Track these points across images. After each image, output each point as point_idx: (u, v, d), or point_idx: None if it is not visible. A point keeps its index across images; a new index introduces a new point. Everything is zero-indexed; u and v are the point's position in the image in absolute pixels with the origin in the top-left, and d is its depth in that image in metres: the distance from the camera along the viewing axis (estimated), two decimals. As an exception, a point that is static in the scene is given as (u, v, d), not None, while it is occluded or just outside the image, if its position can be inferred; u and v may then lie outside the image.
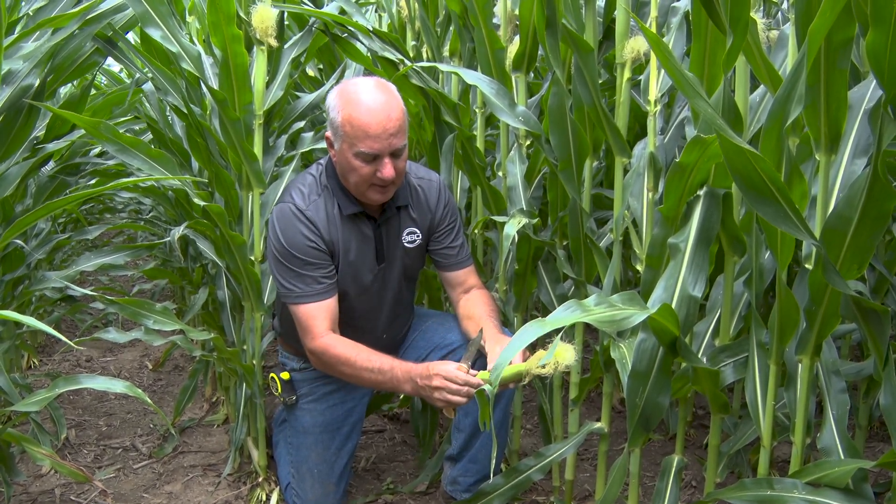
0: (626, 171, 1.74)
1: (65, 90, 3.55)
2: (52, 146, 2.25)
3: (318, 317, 1.80)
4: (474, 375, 1.59)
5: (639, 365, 1.43)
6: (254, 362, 2.25)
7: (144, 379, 3.28)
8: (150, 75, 2.21)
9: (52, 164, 2.60)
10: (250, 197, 2.17)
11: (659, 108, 1.64)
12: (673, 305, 1.39)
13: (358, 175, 1.73)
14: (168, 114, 2.65)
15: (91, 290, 1.91)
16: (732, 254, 1.49)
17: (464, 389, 1.57)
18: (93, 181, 2.95)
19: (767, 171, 1.08)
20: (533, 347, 1.68)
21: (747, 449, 1.71)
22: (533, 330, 1.11)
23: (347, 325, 1.87)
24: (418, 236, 1.94)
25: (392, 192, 1.80)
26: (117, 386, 1.68)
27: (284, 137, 2.32)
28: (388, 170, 1.71)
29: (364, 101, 1.69)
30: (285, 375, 2.04)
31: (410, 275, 2.00)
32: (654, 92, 1.63)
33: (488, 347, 1.71)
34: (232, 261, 2.14)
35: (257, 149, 2.14)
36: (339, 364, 1.76)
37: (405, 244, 1.93)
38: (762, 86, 1.47)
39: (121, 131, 1.99)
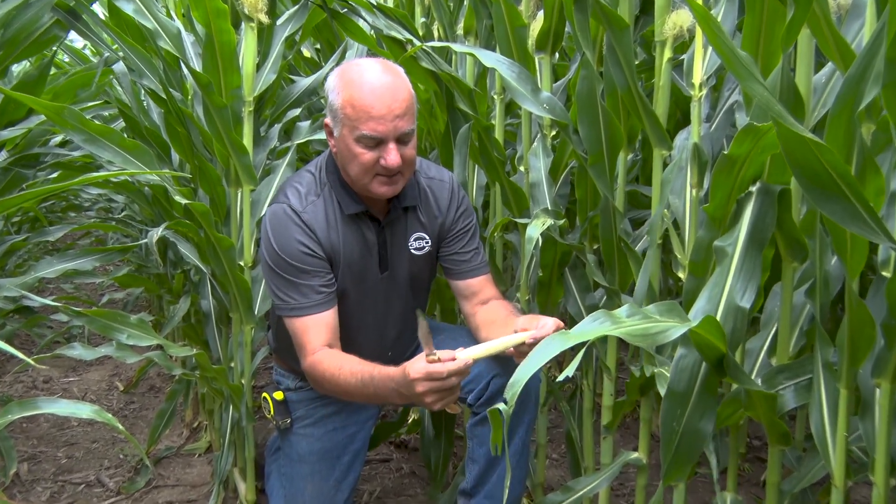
0: (665, 165, 1.74)
1: (18, 68, 3.54)
2: (6, 134, 2.26)
3: (315, 331, 1.80)
4: (453, 359, 1.58)
5: (677, 384, 1.42)
6: (242, 381, 2.26)
7: (114, 402, 3.29)
8: (121, 54, 2.22)
9: (4, 154, 2.61)
10: (239, 194, 2.18)
11: (705, 92, 1.63)
12: (718, 317, 1.38)
13: (360, 164, 1.74)
14: (143, 99, 2.66)
15: (52, 300, 1.91)
16: (791, 259, 1.48)
17: (452, 381, 1.57)
18: (54, 175, 2.95)
19: (834, 164, 1.06)
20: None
21: (815, 488, 1.68)
22: (556, 343, 1.11)
23: (348, 340, 1.88)
24: (427, 243, 1.94)
25: (400, 185, 1.80)
26: (83, 410, 1.60)
27: (278, 127, 2.33)
28: (393, 156, 1.71)
29: (367, 80, 1.70)
30: (279, 395, 2.04)
31: (419, 285, 2.00)
32: (699, 74, 1.63)
33: (524, 323, 1.70)
34: (218, 266, 2.14)
35: (247, 140, 2.15)
36: (325, 381, 1.77)
37: (412, 251, 1.93)
38: (829, 63, 1.46)
39: (88, 118, 2.00)
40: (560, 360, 3.29)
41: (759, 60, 1.40)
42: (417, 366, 1.58)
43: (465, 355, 1.57)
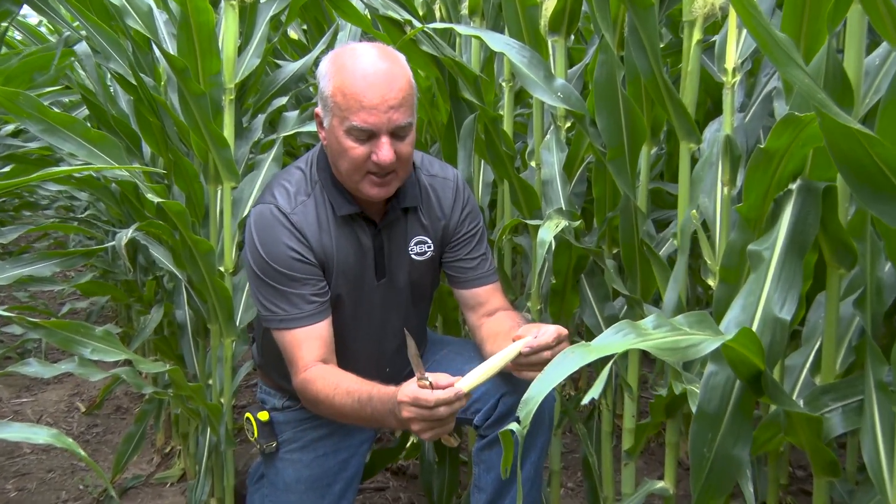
0: (694, 161, 1.74)
1: (-40, 47, 3.55)
2: (-51, 122, 2.27)
3: (306, 345, 1.81)
4: (443, 386, 1.56)
5: (707, 404, 1.42)
6: (222, 400, 2.26)
7: (75, 425, 3.29)
8: (83, 33, 2.22)
9: (-54, 145, 2.62)
10: (219, 192, 2.19)
11: (738, 78, 1.64)
12: (754, 329, 1.38)
13: (349, 159, 1.74)
14: (110, 84, 2.67)
15: (4, 311, 1.91)
16: (838, 265, 1.48)
17: (441, 411, 1.56)
18: (7, 168, 2.95)
19: (887, 158, 1.06)
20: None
21: (871, 526, 1.68)
22: (575, 358, 1.11)
23: (341, 355, 1.88)
24: (429, 247, 1.95)
25: (394, 187, 1.81)
26: (40, 435, 1.59)
27: (262, 117, 2.35)
28: (385, 151, 1.71)
29: (361, 66, 1.71)
30: (263, 416, 2.05)
31: (420, 293, 2.01)
32: (732, 58, 1.63)
33: (522, 332, 1.70)
34: (195, 272, 2.15)
35: (227, 131, 2.16)
36: (319, 401, 1.77)
37: (412, 256, 1.94)
38: (884, 44, 1.45)
39: (46, 105, 2.00)
40: (575, 377, 3.30)
41: (801, 42, 1.40)
42: (407, 388, 1.58)
43: (463, 385, 1.57)
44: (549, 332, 1.66)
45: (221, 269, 2.21)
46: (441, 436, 1.64)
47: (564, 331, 1.69)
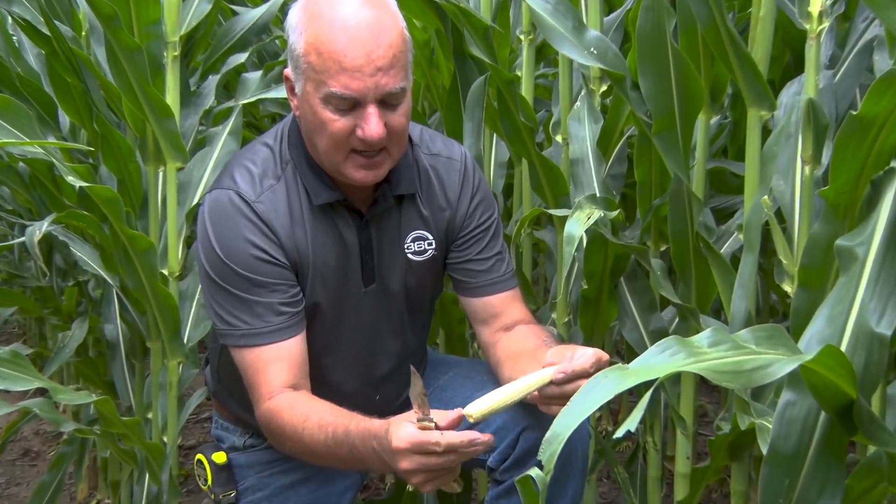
0: (766, 132, 1.74)
1: None
2: None
3: (273, 367, 1.81)
4: (452, 425, 1.56)
5: (782, 443, 1.41)
6: (165, 439, 2.26)
7: (-31, 474, 3.30)
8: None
9: None
10: (161, 175, 2.19)
11: (827, 24, 1.63)
12: (843, 348, 1.39)
13: (328, 135, 1.74)
14: (13, 34, 2.66)
15: None
16: (959, 267, 1.48)
17: (450, 458, 1.56)
18: None
19: None
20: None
21: None
22: (609, 383, 1.10)
23: (317, 380, 1.89)
24: (431, 245, 1.95)
25: (385, 168, 1.81)
26: None
27: (215, 79, 2.35)
28: (373, 125, 1.71)
29: (340, 16, 1.70)
30: (220, 458, 2.04)
31: (419, 302, 2.01)
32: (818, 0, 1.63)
33: (553, 357, 1.70)
34: (131, 276, 2.15)
35: (171, 97, 2.16)
36: (285, 437, 1.78)
37: (409, 256, 1.94)
38: None
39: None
40: (614, 409, 3.30)
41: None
42: (404, 432, 1.57)
43: (472, 410, 1.57)
44: (586, 355, 1.65)
45: (165, 271, 2.21)
46: (445, 485, 1.65)
47: (605, 356, 1.68)
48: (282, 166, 1.87)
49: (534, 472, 1.10)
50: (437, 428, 1.55)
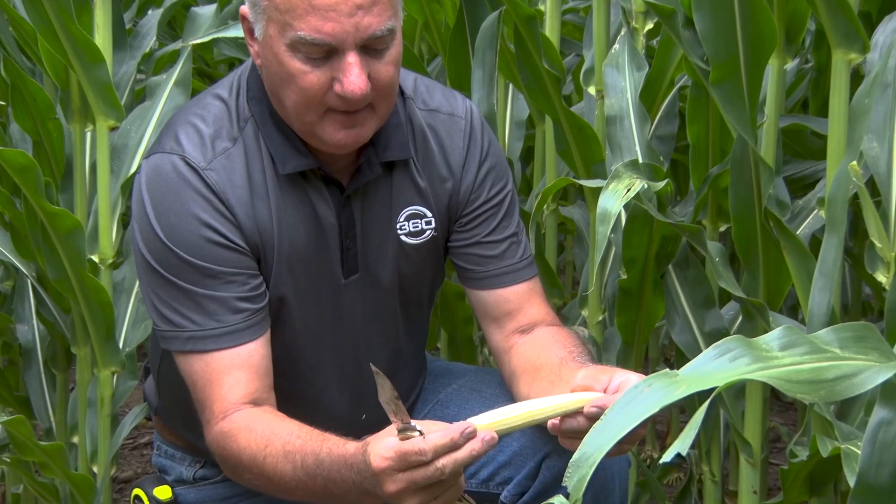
0: (857, 81, 1.73)
1: None
2: None
3: (229, 378, 1.80)
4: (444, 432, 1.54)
5: (875, 473, 1.40)
6: (94, 469, 2.25)
7: None
8: None
9: None
10: (88, 136, 2.18)
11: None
12: (953, 352, 1.38)
13: (298, 91, 1.73)
14: None
15: None
16: None
17: (441, 467, 1.53)
18: None
19: None
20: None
21: None
22: (653, 395, 1.09)
23: (286, 393, 1.88)
24: (429, 224, 1.95)
25: (371, 129, 1.80)
26: None
27: (156, 14, 2.34)
28: (353, 79, 1.69)
29: None
30: (164, 493, 2.04)
31: (414, 297, 2.02)
32: None
33: (586, 379, 1.68)
34: (52, 264, 2.15)
35: (101, 37, 2.15)
36: (243, 467, 1.78)
37: (402, 237, 1.94)
38: None
39: None
40: (660, 430, 3.31)
41: None
42: (382, 446, 1.56)
43: (479, 422, 1.57)
44: (629, 383, 1.60)
45: (95, 258, 2.20)
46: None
47: None
48: (239, 125, 1.85)
49: (557, 500, 1.10)
50: (420, 435, 1.53)
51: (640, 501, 2.33)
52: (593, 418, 1.55)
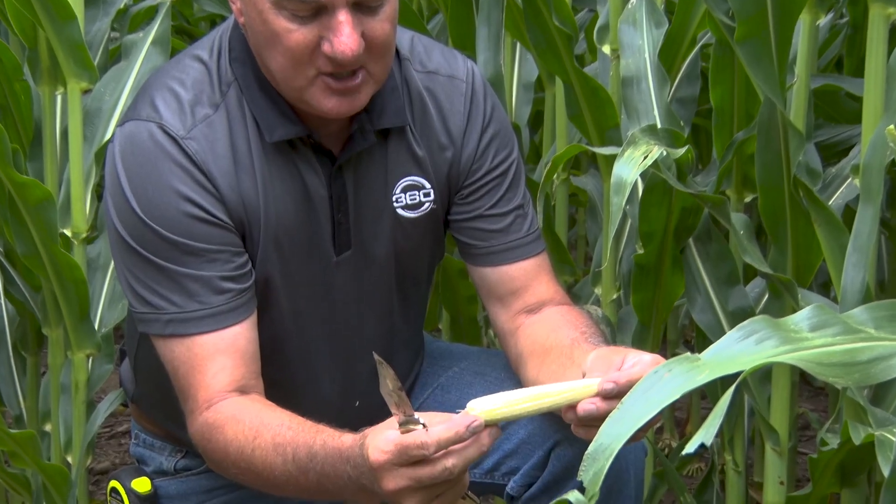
0: (894, 39, 1.74)
1: None
2: None
3: (213, 363, 1.81)
4: (445, 422, 1.56)
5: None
6: (69, 459, 2.27)
7: None
8: None
9: None
10: (59, 99, 2.18)
11: None
12: None
13: (284, 52, 1.73)
14: None
15: None
16: None
17: (445, 464, 1.55)
18: None
19: None
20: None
21: None
22: (673, 380, 1.10)
23: (273, 381, 1.89)
24: (428, 195, 1.96)
25: (366, 94, 1.80)
26: None
27: (131, -30, 2.34)
28: (345, 37, 1.68)
29: None
30: (142, 485, 2.06)
31: (412, 275, 2.03)
32: None
33: (597, 363, 1.69)
34: (21, 239, 2.16)
35: (72, -7, 2.14)
36: (229, 460, 1.79)
37: (399, 210, 1.95)
38: None
39: None
40: (680, 417, 3.32)
41: None
42: (381, 440, 1.57)
43: (480, 409, 1.57)
44: (643, 362, 1.62)
45: (67, 232, 2.21)
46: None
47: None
48: (221, 90, 1.86)
49: (573, 496, 1.09)
50: (424, 428, 1.54)
51: (658, 493, 2.34)
52: (608, 396, 1.57)
